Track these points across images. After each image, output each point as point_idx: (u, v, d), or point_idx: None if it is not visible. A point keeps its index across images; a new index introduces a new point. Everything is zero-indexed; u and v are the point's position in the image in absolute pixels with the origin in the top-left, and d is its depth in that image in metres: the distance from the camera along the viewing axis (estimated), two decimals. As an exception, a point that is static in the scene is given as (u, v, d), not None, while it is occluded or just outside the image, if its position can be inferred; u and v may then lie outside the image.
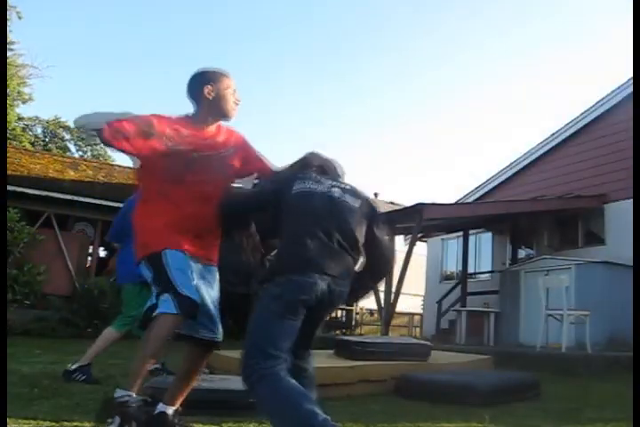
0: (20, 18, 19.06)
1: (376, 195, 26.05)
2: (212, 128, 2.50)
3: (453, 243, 12.56)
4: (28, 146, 19.62)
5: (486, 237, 11.69)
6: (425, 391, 3.67)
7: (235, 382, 3.29)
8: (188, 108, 2.53)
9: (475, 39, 40.16)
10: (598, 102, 9.93)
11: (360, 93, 45.85)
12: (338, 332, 11.82)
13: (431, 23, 39.65)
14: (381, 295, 8.77)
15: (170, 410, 2.40)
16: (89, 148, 24.41)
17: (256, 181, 2.70)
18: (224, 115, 2.53)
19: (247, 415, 2.92)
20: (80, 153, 23.92)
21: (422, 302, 13.67)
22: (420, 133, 48.01)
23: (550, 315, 6.79)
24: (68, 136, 24.49)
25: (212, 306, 2.41)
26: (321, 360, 4.24)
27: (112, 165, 13.63)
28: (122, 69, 39.71)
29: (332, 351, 4.61)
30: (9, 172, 9.49)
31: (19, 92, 20.88)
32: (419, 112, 45.69)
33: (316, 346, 4.60)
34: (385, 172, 47.60)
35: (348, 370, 3.84)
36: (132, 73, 39.71)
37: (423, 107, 46.82)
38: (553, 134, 10.69)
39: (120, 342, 7.49)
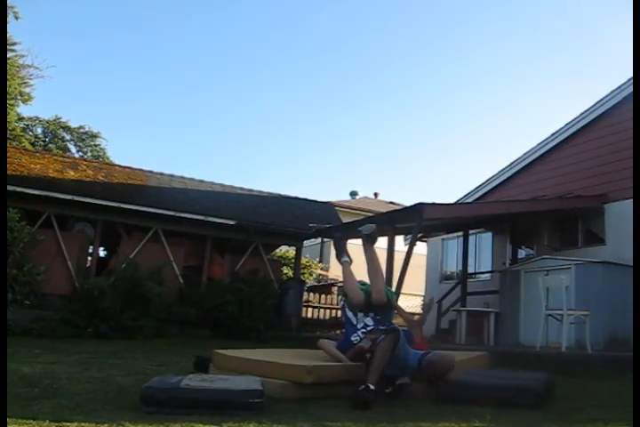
0: (17, 18, 19.04)
1: (376, 195, 26.14)
2: None
3: (453, 243, 12.56)
4: (28, 146, 19.59)
5: (486, 237, 11.69)
6: (459, 395, 3.63)
7: (235, 382, 3.30)
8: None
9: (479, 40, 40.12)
10: (598, 102, 9.93)
11: (360, 94, 45.83)
12: (338, 332, 11.82)
13: (436, 23, 39.66)
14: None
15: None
16: (89, 148, 24.42)
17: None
18: None
19: (247, 415, 2.93)
20: (80, 153, 23.91)
21: (422, 302, 13.66)
22: (421, 132, 47.97)
23: (550, 315, 6.79)
24: (68, 136, 24.47)
25: None
26: (323, 359, 4.25)
27: (112, 165, 13.62)
28: (121, 69, 39.70)
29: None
30: (9, 172, 9.49)
31: (20, 93, 20.88)
32: (419, 110, 45.66)
33: (315, 346, 4.61)
34: (385, 171, 47.60)
35: (351, 369, 3.85)
36: (131, 72, 39.70)
37: (423, 105, 46.79)
38: (553, 134, 10.69)
39: (120, 343, 7.53)
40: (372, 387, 3.44)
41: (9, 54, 18.93)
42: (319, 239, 17.21)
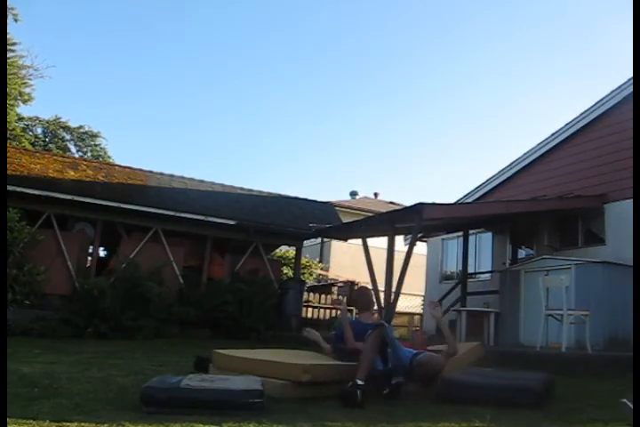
0: (16, 20, 19.01)
1: (376, 195, 26.13)
2: None
3: (453, 243, 12.56)
4: (28, 146, 19.58)
5: (486, 237, 11.68)
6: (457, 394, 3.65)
7: (235, 382, 3.30)
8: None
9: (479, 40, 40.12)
10: (598, 102, 9.93)
11: (360, 94, 45.84)
12: (338, 332, 11.81)
13: (437, 22, 39.66)
14: (381, 295, 8.77)
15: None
16: (89, 148, 24.42)
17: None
18: None
19: (247, 415, 2.93)
20: (80, 153, 23.91)
21: (422, 302, 13.67)
22: (420, 132, 47.97)
23: (550, 315, 6.79)
24: (68, 136, 24.46)
25: None
26: (321, 359, 4.25)
27: (112, 165, 13.63)
28: (121, 69, 39.71)
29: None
30: (9, 172, 9.49)
31: (20, 93, 20.88)
32: (419, 110, 45.66)
33: (315, 346, 4.61)
34: (385, 171, 47.61)
35: (348, 369, 3.85)
36: (131, 72, 39.70)
37: (423, 105, 46.79)
38: (553, 134, 10.69)
39: (120, 343, 7.52)
40: (360, 382, 3.47)
41: (9, 55, 18.91)
42: (319, 239, 17.21)
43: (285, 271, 14.45)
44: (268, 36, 39.42)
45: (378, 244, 10.10)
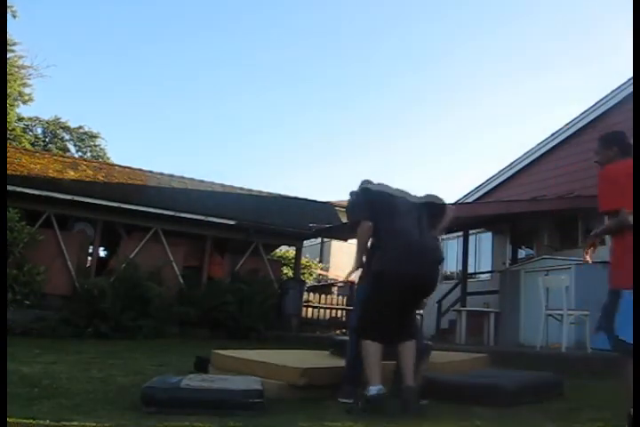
0: (14, 17, 19.07)
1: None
2: None
3: (453, 243, 12.55)
4: (28, 146, 19.60)
5: (486, 237, 11.68)
6: (449, 393, 3.65)
7: (234, 382, 3.30)
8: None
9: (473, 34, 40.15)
10: (598, 102, 9.93)
11: (361, 93, 45.87)
12: (338, 332, 11.82)
13: (433, 21, 39.67)
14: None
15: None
16: (89, 148, 24.43)
17: None
18: None
19: (247, 415, 2.92)
20: (80, 153, 23.91)
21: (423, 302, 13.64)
22: (420, 132, 47.99)
23: (550, 315, 6.79)
24: (67, 136, 24.48)
25: None
26: (321, 360, 4.25)
27: (112, 165, 13.63)
28: (122, 69, 39.70)
29: (330, 351, 4.60)
30: (9, 172, 9.49)
31: (20, 93, 20.90)
32: (419, 109, 45.69)
33: (315, 346, 4.61)
34: (384, 171, 47.58)
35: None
36: (131, 71, 39.70)
37: (423, 105, 46.83)
38: (553, 134, 10.69)
39: (120, 343, 7.49)
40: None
41: (8, 55, 18.95)
42: (319, 239, 17.22)
43: (285, 271, 14.45)
44: (268, 35, 39.46)
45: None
